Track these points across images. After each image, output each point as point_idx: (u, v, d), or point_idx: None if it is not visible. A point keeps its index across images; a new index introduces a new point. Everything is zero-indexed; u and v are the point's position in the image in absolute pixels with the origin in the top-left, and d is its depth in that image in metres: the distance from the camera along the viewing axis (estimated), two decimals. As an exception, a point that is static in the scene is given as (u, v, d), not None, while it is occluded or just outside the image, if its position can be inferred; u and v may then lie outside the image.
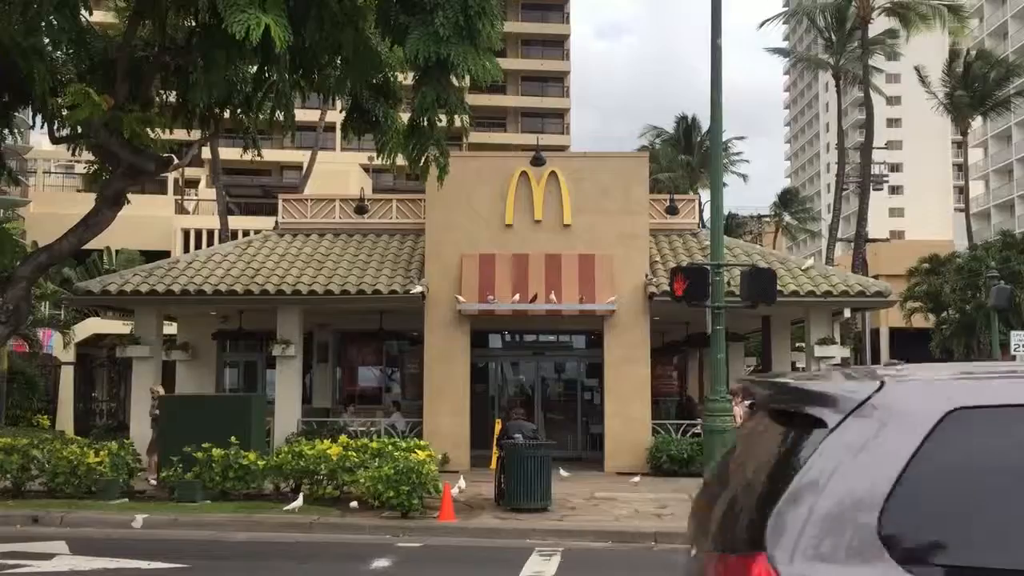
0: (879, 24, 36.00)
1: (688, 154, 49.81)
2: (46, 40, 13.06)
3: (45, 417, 24.62)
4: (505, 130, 73.11)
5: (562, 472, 16.41)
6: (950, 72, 48.24)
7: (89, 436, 18.29)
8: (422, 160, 15.06)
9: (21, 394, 24.69)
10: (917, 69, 44.37)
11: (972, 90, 46.80)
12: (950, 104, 47.84)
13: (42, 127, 16.05)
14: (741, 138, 53.42)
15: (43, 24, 12.60)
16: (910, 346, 48.70)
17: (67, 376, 26.98)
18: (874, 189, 40.34)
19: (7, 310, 14.75)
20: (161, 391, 17.59)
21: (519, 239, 19.57)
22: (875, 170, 41.86)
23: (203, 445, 13.90)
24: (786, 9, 59.54)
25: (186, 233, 41.95)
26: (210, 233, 40.19)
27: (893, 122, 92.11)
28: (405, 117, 15.51)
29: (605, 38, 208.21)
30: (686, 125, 51.92)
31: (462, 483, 14.59)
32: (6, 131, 16.33)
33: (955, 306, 41.03)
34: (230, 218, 35.00)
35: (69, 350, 26.69)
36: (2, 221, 25.58)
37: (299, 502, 13.22)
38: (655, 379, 21.05)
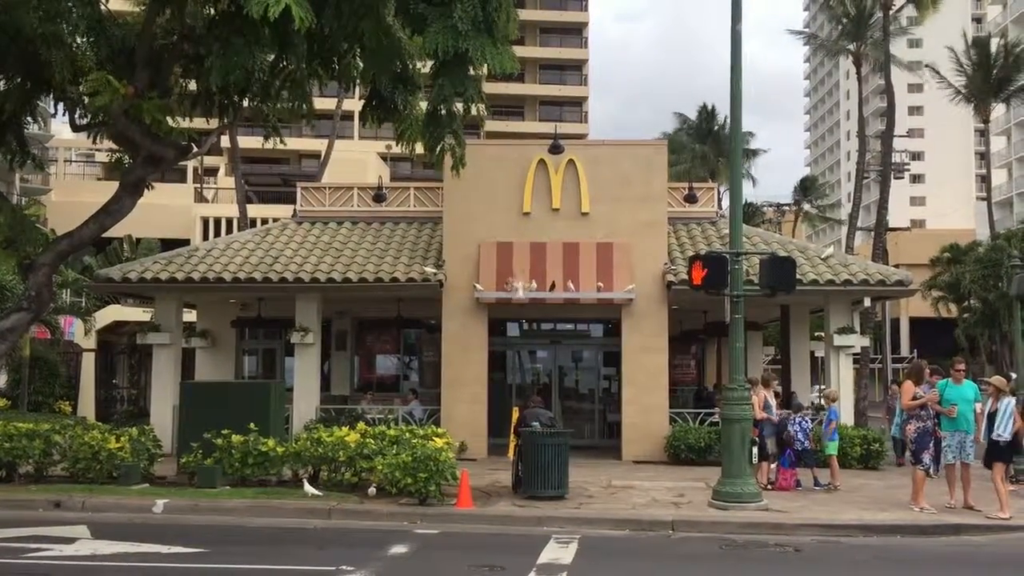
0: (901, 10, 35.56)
1: (703, 143, 49.71)
2: (65, 27, 13.09)
3: (67, 403, 24.82)
4: (523, 118, 72.94)
5: None
6: (974, 58, 47.62)
7: (110, 422, 18.43)
8: (438, 148, 15.05)
9: (43, 380, 24.87)
10: (953, 55, 43.63)
11: (992, 76, 46.21)
12: (971, 90, 47.27)
13: (63, 115, 16.17)
14: (761, 143, 53.12)
15: (62, 11, 12.63)
16: (931, 336, 48.45)
17: (88, 363, 27.17)
18: (895, 177, 40.01)
19: (29, 296, 14.89)
20: None
21: (537, 227, 19.54)
22: (896, 158, 41.52)
23: (223, 431, 13.98)
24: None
25: (205, 221, 42.19)
26: (229, 221, 40.42)
27: (915, 110, 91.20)
28: (424, 104, 15.50)
29: (624, 22, 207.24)
30: (705, 115, 51.80)
31: None
32: (28, 119, 16.43)
33: (977, 295, 40.72)
34: (249, 206, 35.10)
35: (90, 337, 26.88)
36: (24, 209, 25.74)
37: (308, 488, 13.28)
38: (673, 368, 20.99)
